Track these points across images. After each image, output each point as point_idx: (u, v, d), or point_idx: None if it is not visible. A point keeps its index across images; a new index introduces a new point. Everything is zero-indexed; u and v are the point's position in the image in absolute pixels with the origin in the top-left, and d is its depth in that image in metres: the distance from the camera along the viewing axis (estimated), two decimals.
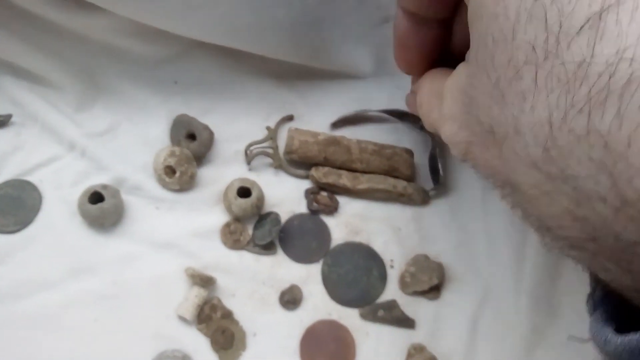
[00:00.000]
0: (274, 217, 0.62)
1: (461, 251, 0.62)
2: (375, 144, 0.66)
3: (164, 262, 0.60)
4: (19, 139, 0.66)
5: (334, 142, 0.64)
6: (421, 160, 0.68)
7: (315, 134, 0.65)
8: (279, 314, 0.59)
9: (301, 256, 0.62)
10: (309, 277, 0.61)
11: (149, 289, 0.59)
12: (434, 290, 0.60)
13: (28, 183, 0.63)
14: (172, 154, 0.62)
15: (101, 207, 0.59)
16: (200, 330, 0.58)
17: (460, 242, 0.63)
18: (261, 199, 0.62)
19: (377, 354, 0.58)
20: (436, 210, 0.65)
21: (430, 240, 0.63)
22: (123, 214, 0.62)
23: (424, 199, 0.65)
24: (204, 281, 0.58)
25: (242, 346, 0.57)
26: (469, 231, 0.63)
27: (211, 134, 0.65)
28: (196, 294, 0.58)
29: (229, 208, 0.62)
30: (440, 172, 0.65)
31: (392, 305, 0.60)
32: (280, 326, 0.59)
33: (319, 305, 0.60)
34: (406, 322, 0.59)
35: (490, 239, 0.62)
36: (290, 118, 0.68)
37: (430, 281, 0.60)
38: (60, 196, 0.63)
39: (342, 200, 0.65)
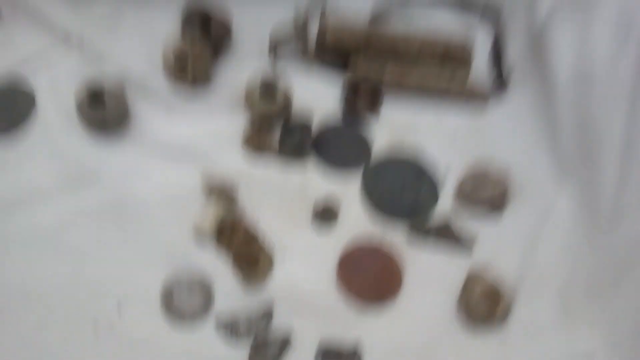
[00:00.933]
0: (304, 119, 0.52)
1: (526, 160, 0.52)
2: (426, 33, 0.54)
3: (176, 172, 0.51)
4: (8, 32, 0.56)
5: (375, 30, 0.53)
6: (480, 55, 0.56)
7: (353, 21, 0.54)
8: (311, 232, 0.50)
9: (337, 167, 0.52)
10: (346, 191, 0.52)
11: (160, 203, 0.50)
12: (495, 206, 0.51)
13: (20, 80, 0.54)
14: (183, 45, 0.52)
15: (102, 108, 0.50)
16: (220, 249, 0.49)
17: (526, 150, 0.53)
18: (289, 97, 0.52)
19: (429, 281, 0.49)
20: (498, 112, 0.55)
21: (491, 147, 0.53)
22: (127, 116, 0.53)
23: (484, 98, 0.54)
24: (224, 193, 0.49)
25: (269, 268, 0.49)
26: (535, 137, 0.53)
27: (229, 21, 0.54)
28: (214, 208, 0.49)
29: (251, 108, 0.52)
30: (505, 66, 0.54)
31: (446, 223, 0.50)
32: (312, 247, 0.50)
33: (358, 223, 0.51)
34: (463, 244, 0.50)
35: (558, 146, 0.52)
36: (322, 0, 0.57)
37: (491, 196, 0.50)
38: (55, 96, 0.54)
39: (386, 101, 0.54)
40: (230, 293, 0.48)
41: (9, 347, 0.46)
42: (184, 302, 0.47)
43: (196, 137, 0.52)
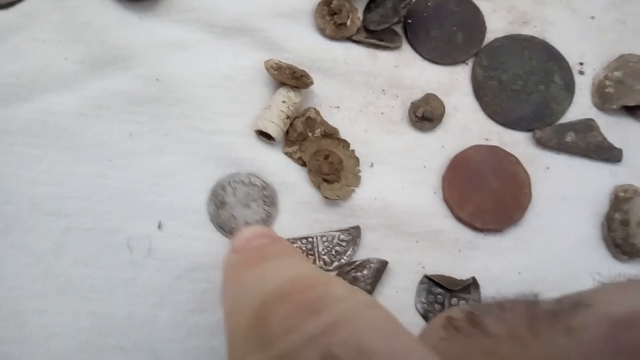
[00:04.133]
0: None
1: None
2: None
3: (230, 54, 0.39)
4: None
5: None
6: None
7: None
8: (408, 136, 0.39)
9: (440, 53, 0.40)
10: (453, 83, 0.40)
11: (210, 92, 0.38)
12: None
13: None
14: None
15: None
16: (289, 154, 0.38)
17: None
18: None
19: (564, 196, 0.38)
20: None
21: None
22: None
23: None
24: (296, 79, 0.37)
25: (354, 181, 0.37)
26: None
27: None
28: (284, 99, 0.37)
29: None
30: None
31: (587, 126, 0.38)
32: (410, 154, 0.38)
33: (469, 125, 0.39)
34: (608, 152, 0.38)
35: None
36: None
37: None
38: None
39: None
40: (300, 206, 0.37)
41: (19, 274, 0.34)
42: (240, 216, 0.36)
43: (255, 12, 0.40)
